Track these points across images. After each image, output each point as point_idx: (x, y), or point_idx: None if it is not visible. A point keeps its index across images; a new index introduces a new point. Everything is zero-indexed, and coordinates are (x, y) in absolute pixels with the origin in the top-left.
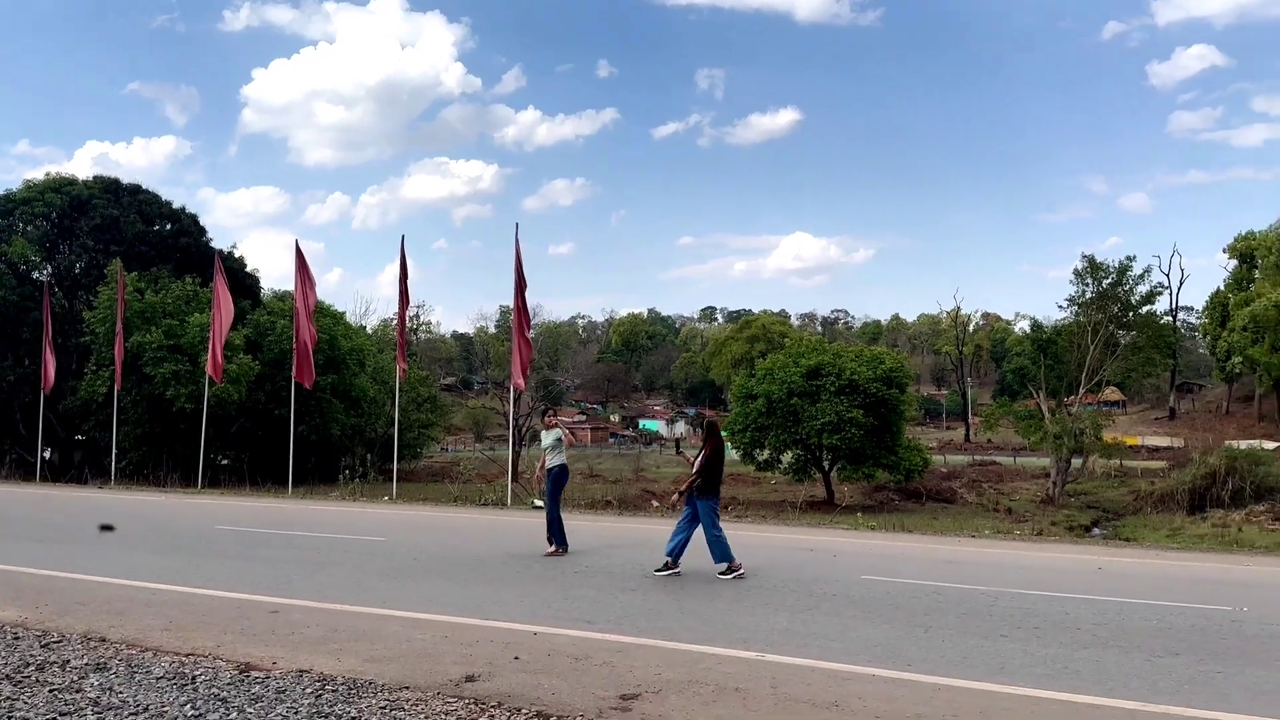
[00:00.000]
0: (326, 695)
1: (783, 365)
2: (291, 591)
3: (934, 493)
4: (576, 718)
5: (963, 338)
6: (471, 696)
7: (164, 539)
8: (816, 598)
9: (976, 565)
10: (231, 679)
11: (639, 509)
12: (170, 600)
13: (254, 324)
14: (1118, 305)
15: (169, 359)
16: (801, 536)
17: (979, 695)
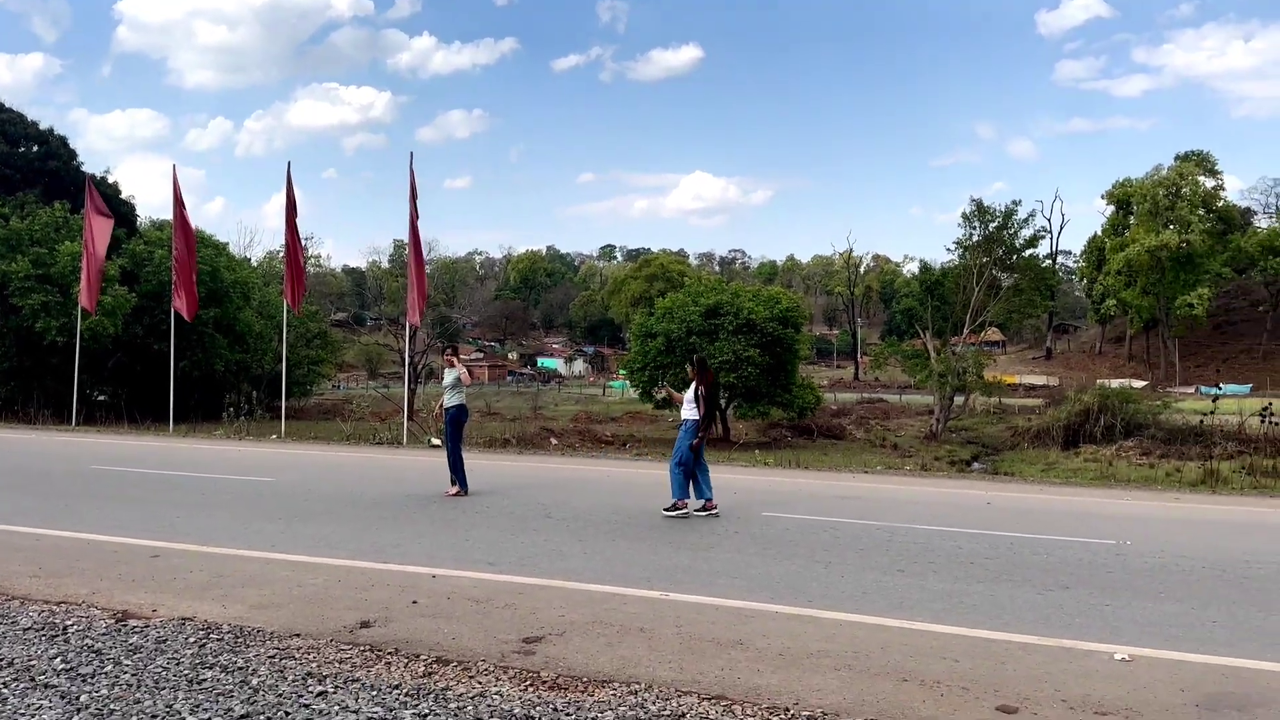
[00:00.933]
0: (211, 645)
1: (682, 304)
2: (174, 535)
3: (825, 429)
4: (478, 662)
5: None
6: (367, 643)
7: (33, 480)
8: (718, 535)
9: (871, 501)
10: (107, 629)
11: (538, 447)
12: (40, 545)
13: (130, 254)
14: (1002, 248)
15: (38, 289)
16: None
17: (879, 630)
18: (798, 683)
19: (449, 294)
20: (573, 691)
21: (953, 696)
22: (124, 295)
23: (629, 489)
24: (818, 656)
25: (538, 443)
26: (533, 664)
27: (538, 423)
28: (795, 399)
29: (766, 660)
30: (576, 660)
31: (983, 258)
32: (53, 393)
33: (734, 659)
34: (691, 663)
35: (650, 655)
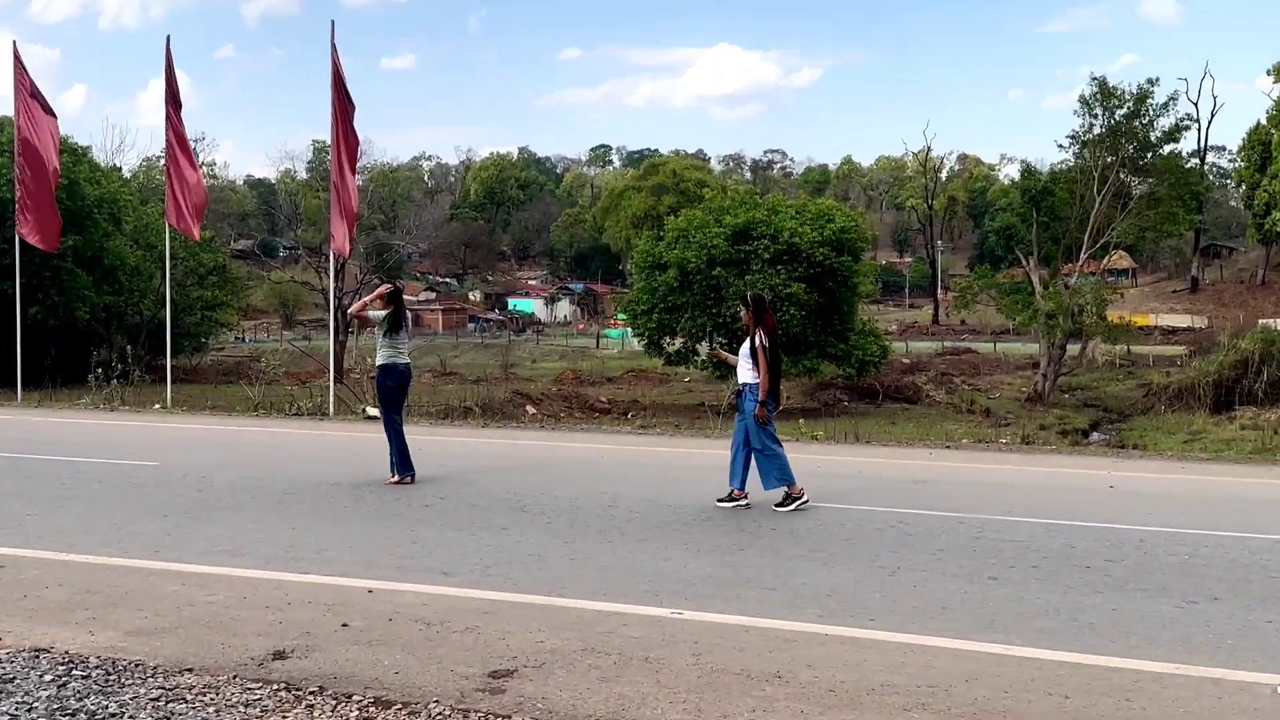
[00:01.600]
0: (74, 684)
1: (701, 224)
2: (24, 539)
3: (893, 390)
4: (429, 704)
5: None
6: (282, 680)
7: None
8: (749, 534)
9: (954, 485)
10: None
11: (510, 418)
12: None
13: None
14: (1133, 144)
15: None
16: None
17: (964, 657)
18: None
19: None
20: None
21: None
22: None
23: (631, 472)
24: (882, 692)
25: (510, 412)
26: (502, 706)
27: (510, 385)
28: (853, 350)
29: (813, 698)
30: (560, 700)
31: (1107, 157)
32: None
33: (769, 697)
34: (713, 702)
35: (658, 693)
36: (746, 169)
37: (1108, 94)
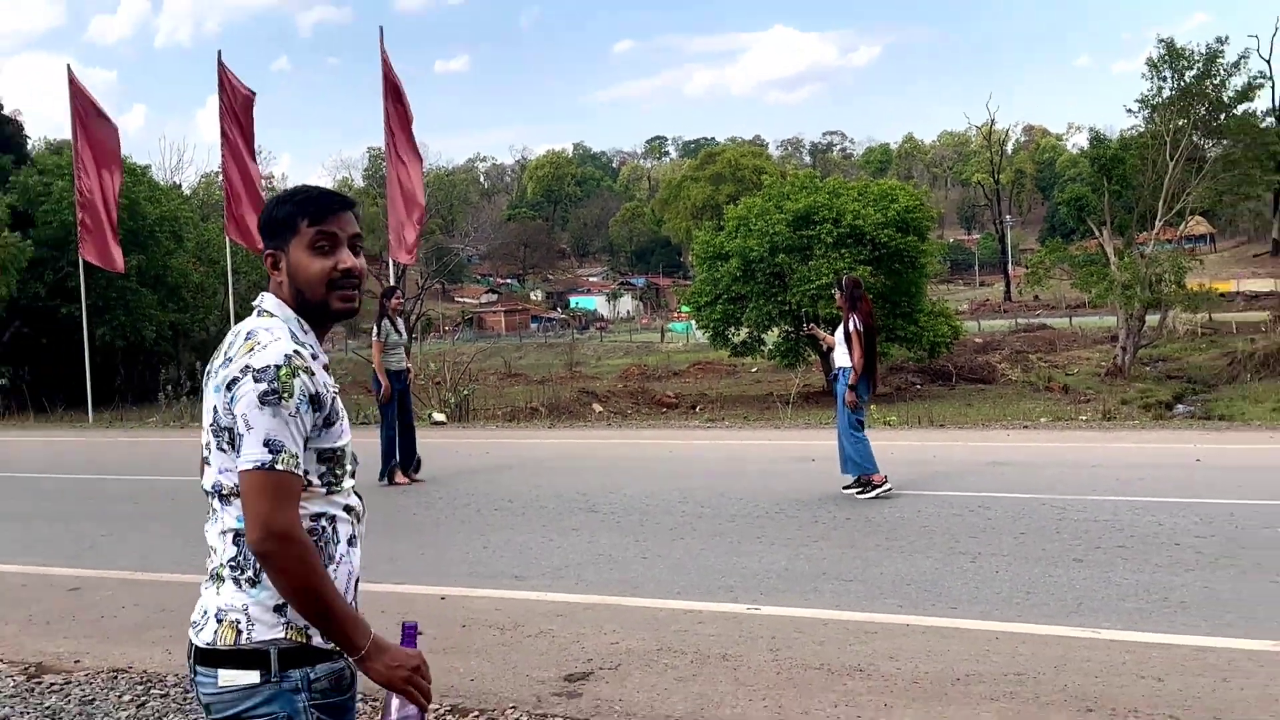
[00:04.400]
0: (153, 704)
1: (762, 211)
2: (99, 560)
3: (967, 371)
4: (506, 711)
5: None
6: (362, 690)
7: None
8: (825, 525)
9: (1034, 466)
10: (16, 689)
11: (577, 417)
12: None
13: (20, 188)
14: (1205, 105)
15: None
16: (798, 441)
17: (1050, 643)
18: (940, 719)
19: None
20: None
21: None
22: (16, 244)
23: (698, 467)
24: (966, 682)
25: (576, 411)
26: (579, 709)
27: (575, 384)
28: (924, 332)
29: (896, 691)
30: (638, 701)
31: (1179, 120)
32: None
33: (852, 690)
34: (794, 699)
35: (738, 691)
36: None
37: (1176, 55)
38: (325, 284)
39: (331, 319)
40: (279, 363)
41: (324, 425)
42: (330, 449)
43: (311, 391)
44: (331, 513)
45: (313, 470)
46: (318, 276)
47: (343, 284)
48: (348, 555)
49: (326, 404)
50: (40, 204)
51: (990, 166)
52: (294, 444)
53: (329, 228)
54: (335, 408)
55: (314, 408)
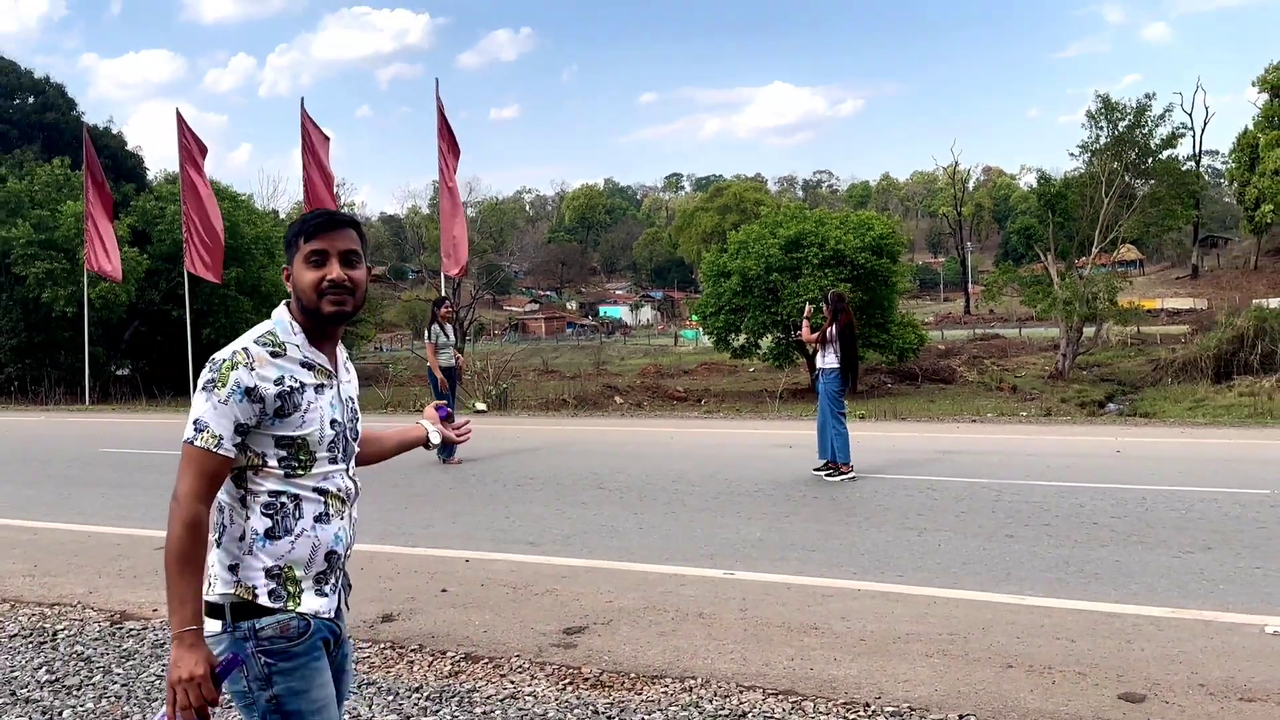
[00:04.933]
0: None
1: (759, 237)
2: None
3: (930, 373)
4: (511, 658)
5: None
6: (389, 639)
7: (36, 467)
8: (795, 502)
9: (978, 454)
10: (100, 633)
11: (600, 408)
12: (38, 540)
13: (139, 211)
14: (1135, 151)
15: (41, 256)
16: (780, 431)
17: (981, 608)
18: (881, 672)
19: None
20: (617, 689)
21: (1067, 684)
22: (135, 258)
23: (694, 451)
24: (906, 640)
25: (600, 402)
26: (573, 658)
27: (600, 379)
28: (894, 339)
29: (845, 647)
30: (624, 653)
31: (1112, 163)
32: (67, 369)
33: (807, 646)
34: (756, 652)
35: (709, 645)
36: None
37: (1111, 108)
38: (315, 292)
39: (325, 321)
40: (225, 357)
41: (275, 415)
42: (287, 436)
43: (248, 385)
44: (293, 492)
45: (270, 454)
46: (309, 285)
47: (330, 292)
48: (312, 530)
49: (268, 397)
50: (156, 224)
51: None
52: (218, 426)
53: (319, 244)
54: (293, 401)
55: (249, 399)
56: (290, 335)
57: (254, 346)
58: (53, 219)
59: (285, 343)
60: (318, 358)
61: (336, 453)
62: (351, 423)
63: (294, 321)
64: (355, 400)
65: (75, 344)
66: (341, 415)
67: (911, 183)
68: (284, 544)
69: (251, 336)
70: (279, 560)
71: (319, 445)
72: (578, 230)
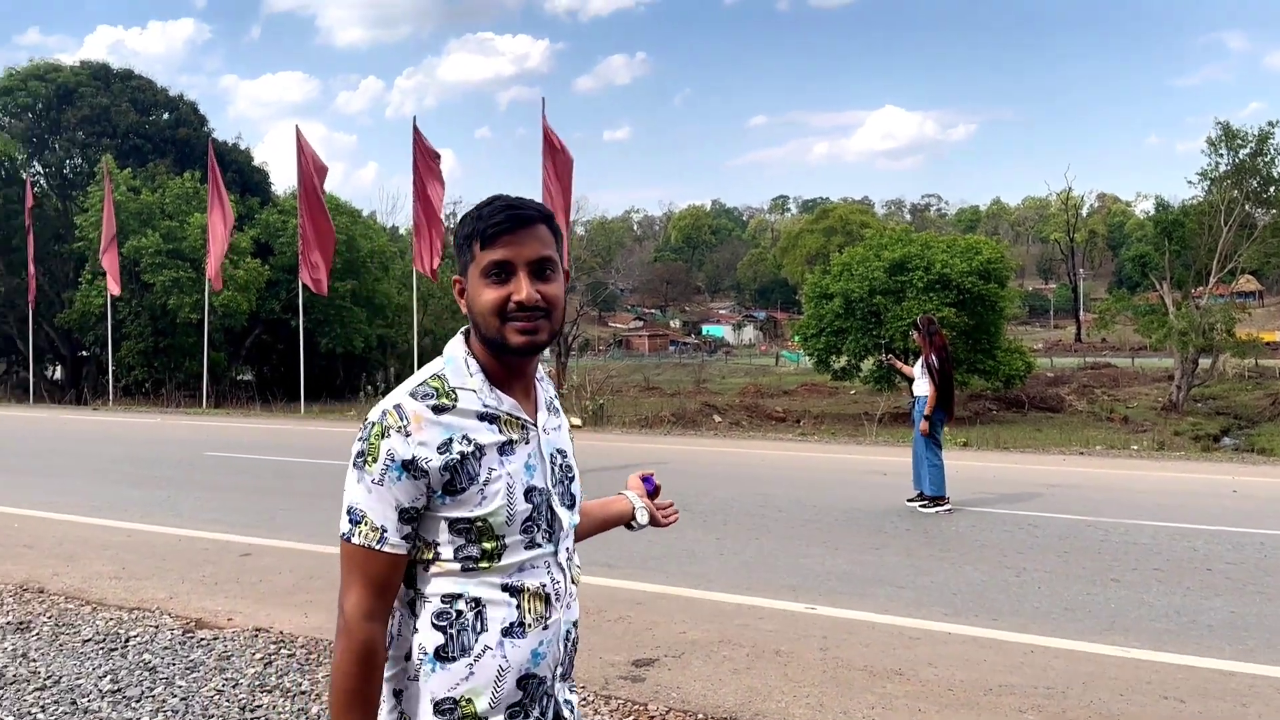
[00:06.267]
0: (278, 662)
1: (863, 259)
2: (272, 530)
3: (1038, 400)
4: (577, 689)
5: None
6: None
7: (143, 468)
8: (885, 534)
9: (1084, 489)
10: (171, 641)
11: (698, 425)
12: (131, 541)
13: (263, 224)
14: (1257, 179)
15: (169, 265)
16: (876, 457)
17: (1082, 659)
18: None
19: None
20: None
21: None
22: (256, 268)
23: (785, 475)
24: (999, 693)
25: (699, 420)
26: (640, 693)
27: (700, 397)
28: (1000, 366)
29: (931, 696)
30: (693, 691)
31: (1232, 191)
32: (191, 374)
33: (890, 694)
34: (835, 697)
35: (785, 686)
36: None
37: (1232, 136)
38: (497, 317)
39: (513, 354)
40: (375, 419)
41: (444, 492)
42: (463, 519)
43: (404, 457)
44: (474, 594)
45: (443, 542)
46: (488, 308)
47: (517, 317)
48: (499, 648)
49: (432, 470)
50: (278, 237)
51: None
52: (379, 515)
53: (501, 253)
54: (467, 471)
55: (409, 474)
56: (463, 377)
57: (410, 402)
58: (181, 230)
59: (456, 389)
60: (504, 405)
61: (536, 533)
62: (562, 487)
63: (470, 357)
64: (569, 454)
65: (198, 349)
66: (544, 479)
67: (1023, 208)
68: (459, 668)
69: (411, 385)
70: (452, 690)
71: (509, 526)
72: (683, 250)
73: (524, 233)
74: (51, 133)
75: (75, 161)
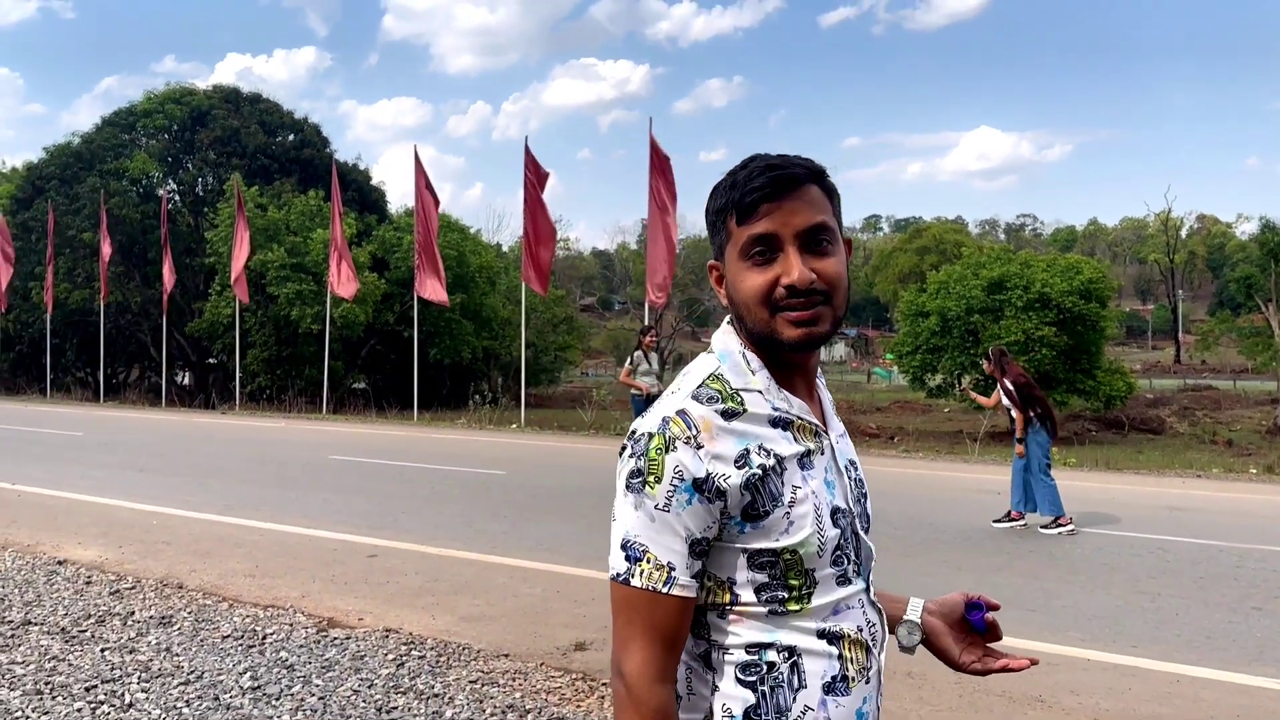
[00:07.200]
0: (410, 664)
1: (960, 277)
2: (395, 532)
3: (1138, 422)
4: None
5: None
6: (579, 670)
7: (271, 469)
8: (1007, 554)
9: (1209, 513)
10: (306, 639)
11: None
12: (262, 540)
13: (380, 240)
14: None
15: (293, 278)
16: (984, 475)
17: (1234, 691)
18: None
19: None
20: None
21: None
22: (374, 282)
23: (893, 491)
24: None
25: None
26: None
27: None
28: (1101, 386)
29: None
30: None
31: None
32: (310, 381)
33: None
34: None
35: (920, 709)
36: (1000, 231)
37: None
38: (764, 305)
39: (786, 350)
40: (652, 429)
41: (743, 518)
42: (767, 551)
43: (697, 473)
44: (787, 643)
45: (741, 581)
46: (752, 296)
47: (791, 305)
48: (821, 708)
49: (730, 490)
50: (394, 252)
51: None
52: (664, 549)
53: (763, 225)
54: (769, 489)
55: (702, 496)
56: (744, 376)
57: (696, 406)
58: (304, 245)
59: (740, 391)
60: (794, 407)
61: (847, 564)
62: (860, 506)
63: (748, 350)
64: (858, 466)
65: (318, 358)
66: (845, 498)
67: (1120, 228)
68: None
69: (689, 388)
70: None
71: (820, 558)
72: None
73: (791, 198)
74: (185, 153)
75: (207, 180)
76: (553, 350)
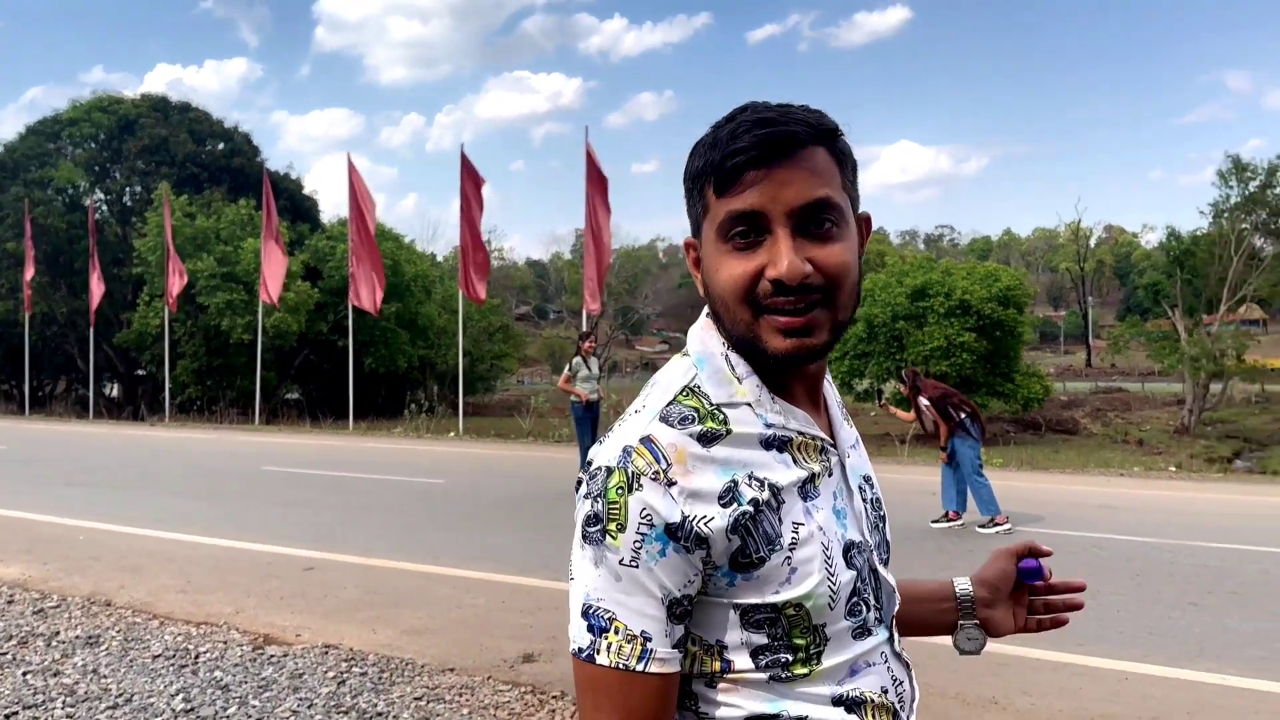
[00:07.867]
0: (352, 681)
1: (885, 285)
2: (331, 544)
3: (1054, 423)
4: None
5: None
6: (528, 683)
7: (202, 481)
8: (949, 555)
9: (1137, 510)
10: (241, 658)
11: None
12: (195, 555)
13: (312, 249)
14: (1266, 211)
15: (223, 287)
16: (916, 477)
17: (1180, 686)
18: None
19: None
20: None
21: None
22: (306, 291)
23: None
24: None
25: None
26: None
27: None
28: (1019, 389)
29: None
30: None
31: (1241, 223)
32: (242, 391)
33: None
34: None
35: None
36: (920, 241)
37: (1242, 169)
38: (744, 303)
39: (770, 361)
40: (611, 463)
41: (731, 568)
42: (764, 606)
43: (670, 519)
44: (795, 714)
45: (734, 644)
46: (730, 291)
47: (775, 304)
48: None
49: (714, 536)
50: (327, 261)
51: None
52: (637, 616)
53: (745, 201)
54: (763, 531)
55: (678, 544)
56: (729, 384)
57: (665, 431)
58: (235, 254)
59: (723, 406)
60: (792, 420)
61: (865, 612)
62: (878, 534)
63: (730, 351)
64: (875, 483)
65: (249, 369)
66: (859, 528)
67: (1033, 238)
68: None
69: (656, 405)
70: None
71: (832, 610)
72: None
73: (785, 164)
74: (113, 162)
75: (135, 189)
76: (489, 359)
